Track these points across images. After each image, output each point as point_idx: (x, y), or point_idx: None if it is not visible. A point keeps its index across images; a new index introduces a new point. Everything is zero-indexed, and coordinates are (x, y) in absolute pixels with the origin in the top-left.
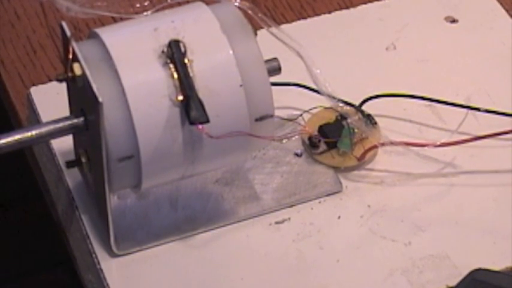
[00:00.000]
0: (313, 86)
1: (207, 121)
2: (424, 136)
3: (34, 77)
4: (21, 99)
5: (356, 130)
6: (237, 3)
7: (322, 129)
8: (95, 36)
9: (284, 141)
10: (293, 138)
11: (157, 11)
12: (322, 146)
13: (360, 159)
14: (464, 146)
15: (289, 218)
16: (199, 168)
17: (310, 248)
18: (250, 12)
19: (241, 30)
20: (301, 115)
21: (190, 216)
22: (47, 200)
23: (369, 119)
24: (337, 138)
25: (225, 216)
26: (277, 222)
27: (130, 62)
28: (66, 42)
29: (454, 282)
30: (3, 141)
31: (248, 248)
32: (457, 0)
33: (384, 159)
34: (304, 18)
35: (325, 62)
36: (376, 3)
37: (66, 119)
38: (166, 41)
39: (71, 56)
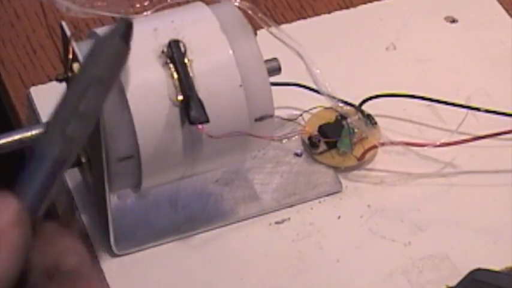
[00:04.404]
0: (313, 86)
1: (207, 121)
2: (424, 136)
3: (34, 77)
4: (21, 99)
5: (356, 130)
6: (237, 3)
7: (322, 129)
8: (94, 36)
9: (284, 141)
10: (293, 138)
11: (157, 11)
12: (322, 146)
13: (360, 159)
14: (464, 146)
15: (289, 218)
16: (199, 168)
17: (310, 248)
18: (250, 12)
19: (241, 30)
20: (301, 115)
21: (190, 216)
22: None
23: (369, 119)
24: (337, 138)
25: (225, 216)
26: (277, 222)
27: (130, 61)
28: (66, 42)
29: (454, 282)
30: (3, 141)
31: (248, 248)
32: (457, 0)
33: (383, 159)
34: (304, 18)
35: (325, 62)
36: (376, 3)
37: None
38: (166, 41)
39: (71, 56)
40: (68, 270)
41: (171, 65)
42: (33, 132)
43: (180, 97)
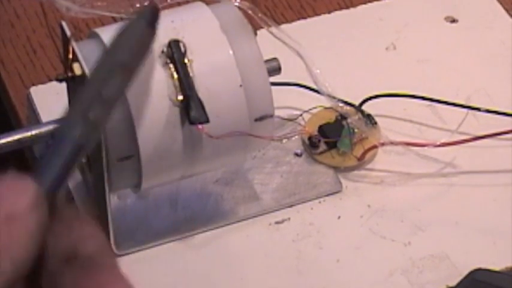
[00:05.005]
0: (313, 86)
1: (207, 121)
2: (424, 136)
3: (34, 77)
4: (21, 99)
5: (356, 130)
6: (237, 3)
7: (322, 129)
8: (94, 36)
9: (284, 141)
10: (293, 138)
11: None
12: (322, 146)
13: (360, 159)
14: (464, 146)
15: (289, 218)
16: (199, 168)
17: (310, 248)
18: (250, 12)
19: (241, 30)
20: (301, 115)
21: (190, 216)
22: None
23: (369, 119)
24: (337, 138)
25: (225, 216)
26: (277, 222)
27: None
28: (66, 42)
29: (454, 282)
30: (3, 141)
31: (248, 248)
32: (457, 0)
33: (383, 159)
34: (304, 18)
35: (325, 62)
36: (376, 3)
37: None
38: (166, 41)
39: (70, 56)
40: (87, 256)
41: (171, 65)
42: (33, 132)
43: (180, 97)
